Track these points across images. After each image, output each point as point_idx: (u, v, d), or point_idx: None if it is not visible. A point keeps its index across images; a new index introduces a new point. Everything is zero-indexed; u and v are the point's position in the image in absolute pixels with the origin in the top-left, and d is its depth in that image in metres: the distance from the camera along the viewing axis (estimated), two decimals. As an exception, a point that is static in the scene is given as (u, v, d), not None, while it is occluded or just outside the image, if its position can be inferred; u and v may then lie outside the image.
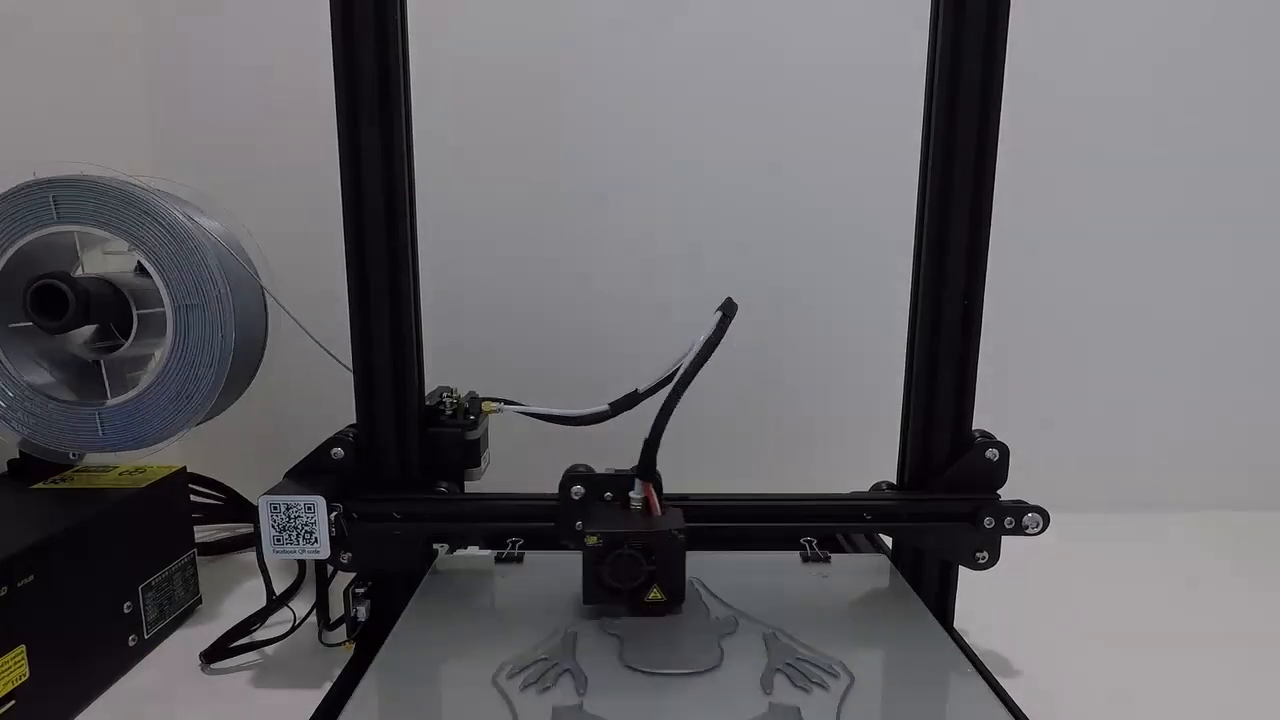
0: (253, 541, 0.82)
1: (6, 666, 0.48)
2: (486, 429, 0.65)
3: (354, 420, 0.59)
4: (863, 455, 0.68)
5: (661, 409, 0.51)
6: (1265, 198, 0.90)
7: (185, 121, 0.89)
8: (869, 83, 0.86)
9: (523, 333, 0.91)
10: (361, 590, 0.59)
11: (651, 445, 0.52)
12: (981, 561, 0.58)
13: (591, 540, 0.50)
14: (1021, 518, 0.57)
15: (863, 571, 0.62)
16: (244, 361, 0.63)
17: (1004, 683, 0.53)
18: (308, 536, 0.54)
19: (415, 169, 0.58)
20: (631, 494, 0.53)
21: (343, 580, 0.61)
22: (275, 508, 0.54)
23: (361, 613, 0.59)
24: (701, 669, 0.46)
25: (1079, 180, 0.90)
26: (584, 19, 0.87)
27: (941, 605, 0.60)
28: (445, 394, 0.63)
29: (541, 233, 0.90)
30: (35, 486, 0.62)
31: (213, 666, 0.61)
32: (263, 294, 0.65)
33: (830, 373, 0.93)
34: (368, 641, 0.58)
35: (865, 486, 0.63)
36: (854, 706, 0.43)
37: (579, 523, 0.54)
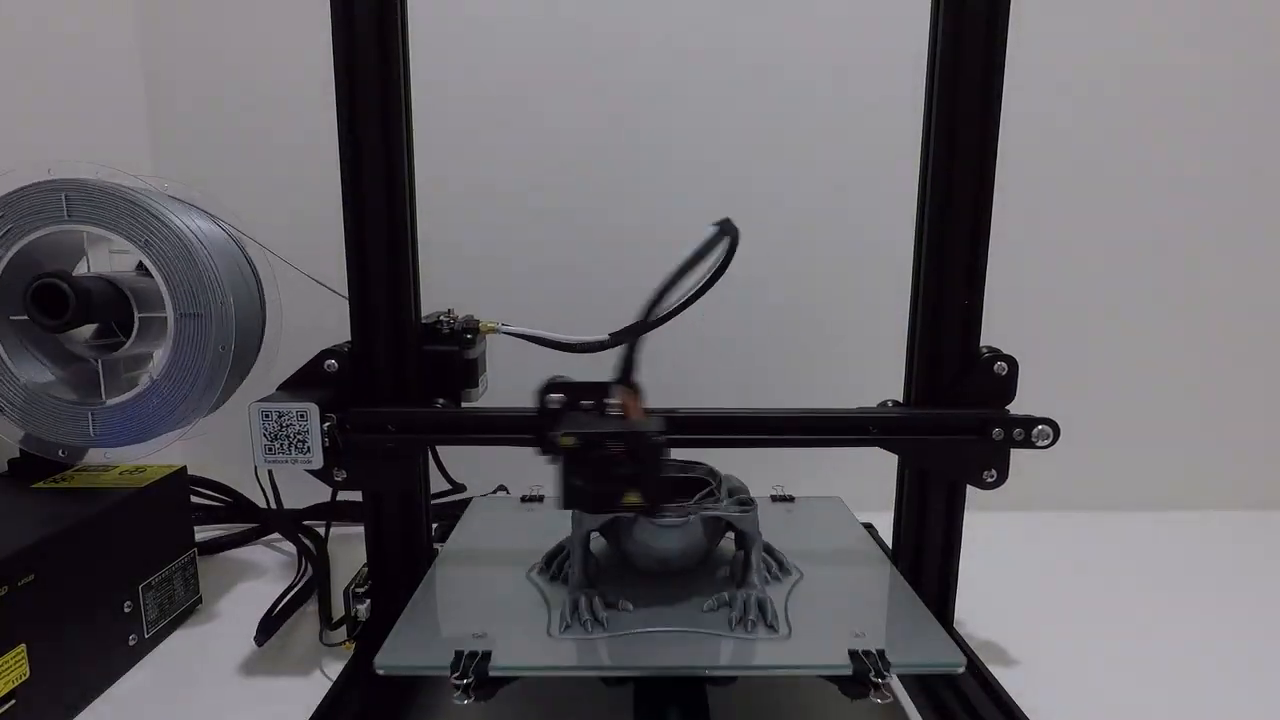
0: (254, 538, 0.83)
1: (7, 665, 0.48)
2: (484, 352, 0.64)
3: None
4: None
5: (642, 313, 0.49)
6: (1271, 196, 0.91)
7: (184, 121, 0.89)
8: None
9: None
10: (362, 590, 0.59)
11: (630, 350, 0.50)
12: (990, 480, 0.56)
13: (567, 442, 0.48)
14: (1032, 429, 0.55)
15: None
16: (239, 366, 0.63)
17: (999, 674, 0.53)
18: (300, 445, 0.53)
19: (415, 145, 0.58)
20: (608, 400, 0.51)
21: (343, 580, 0.61)
22: (267, 415, 0.52)
23: (361, 612, 0.59)
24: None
25: (1081, 177, 0.90)
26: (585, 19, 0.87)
27: (942, 605, 0.60)
28: (443, 315, 0.61)
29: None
30: (35, 486, 0.62)
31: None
32: (261, 296, 0.65)
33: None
34: (368, 642, 0.58)
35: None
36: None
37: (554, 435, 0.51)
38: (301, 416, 0.53)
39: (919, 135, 0.57)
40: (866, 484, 0.72)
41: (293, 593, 0.68)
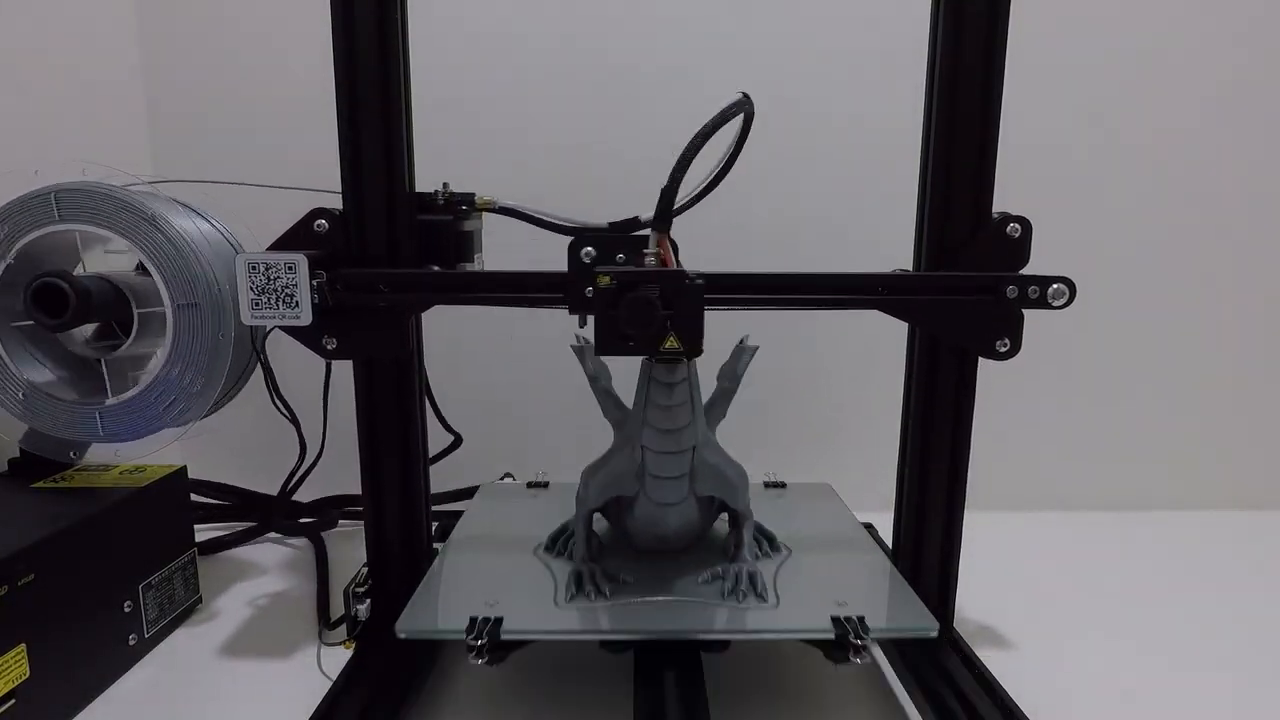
0: (252, 536, 0.83)
1: (7, 665, 0.48)
2: (481, 229, 0.62)
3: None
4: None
5: (680, 158, 0.48)
6: (1267, 197, 0.91)
7: (184, 121, 0.89)
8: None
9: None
10: (362, 590, 0.59)
11: (668, 195, 0.49)
12: (1002, 350, 0.55)
13: (604, 281, 0.47)
14: (1047, 288, 0.53)
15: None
16: (241, 359, 0.63)
17: (998, 672, 0.53)
18: (288, 300, 0.51)
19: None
20: (645, 251, 0.50)
21: (343, 580, 0.61)
22: (254, 268, 0.51)
23: (361, 612, 0.59)
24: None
25: (1077, 177, 0.90)
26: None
27: (942, 605, 0.60)
28: (439, 188, 0.59)
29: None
30: (35, 485, 0.61)
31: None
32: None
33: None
34: (368, 641, 0.58)
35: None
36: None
37: (589, 287, 0.49)
38: (290, 269, 0.51)
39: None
40: (866, 484, 0.73)
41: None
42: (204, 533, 0.83)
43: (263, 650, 0.62)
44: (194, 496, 0.79)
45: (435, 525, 0.71)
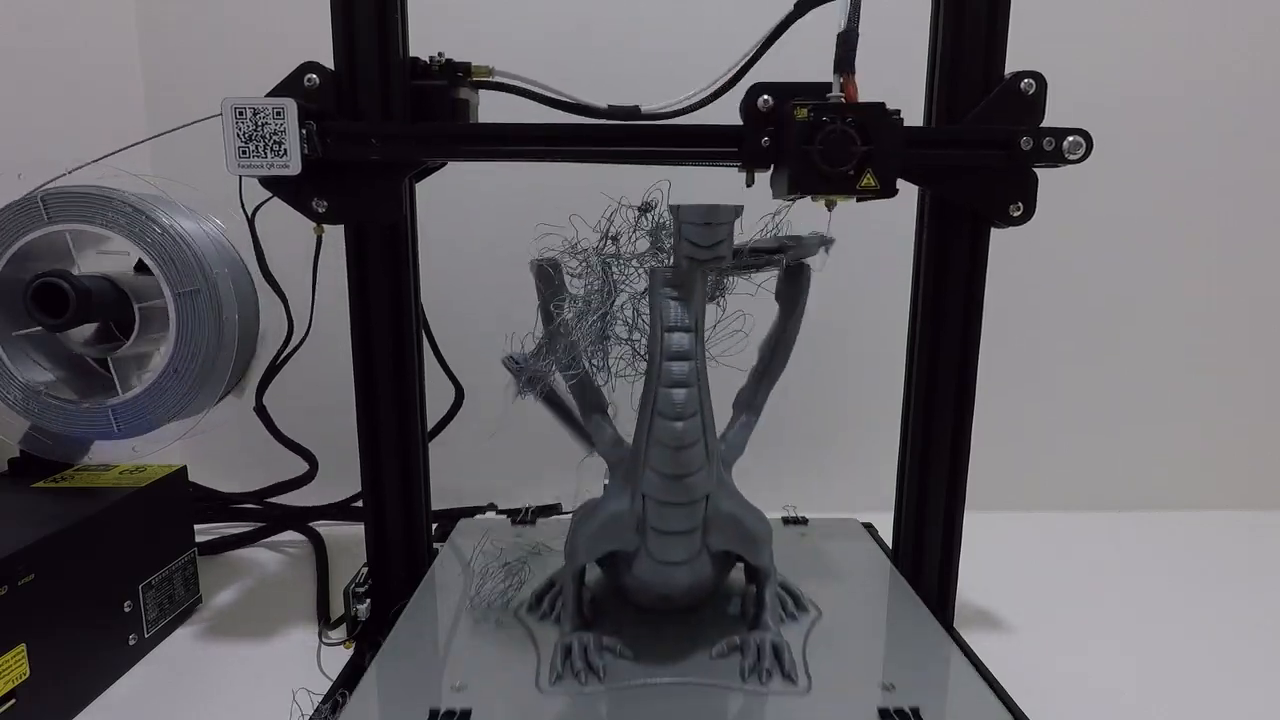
0: (252, 539, 0.83)
1: (7, 665, 0.48)
2: (477, 105, 0.61)
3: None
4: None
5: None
6: (1265, 193, 0.91)
7: (184, 120, 0.89)
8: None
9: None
10: (362, 590, 0.60)
11: (849, 36, 0.46)
12: (1015, 214, 0.53)
13: (801, 114, 0.44)
14: (1063, 140, 0.51)
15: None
16: (243, 345, 0.64)
17: (998, 672, 0.53)
18: (276, 148, 0.50)
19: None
20: (829, 95, 0.47)
21: (342, 580, 0.61)
22: (240, 113, 0.49)
23: (361, 612, 0.59)
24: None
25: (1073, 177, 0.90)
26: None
27: (942, 605, 0.60)
28: (434, 55, 0.58)
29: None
30: (35, 485, 0.61)
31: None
32: (252, 281, 0.65)
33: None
34: (367, 641, 0.58)
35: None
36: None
37: (765, 137, 0.47)
38: (278, 114, 0.49)
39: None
40: (866, 484, 0.72)
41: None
42: (204, 533, 0.83)
43: (263, 650, 0.62)
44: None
45: (435, 526, 0.71)
